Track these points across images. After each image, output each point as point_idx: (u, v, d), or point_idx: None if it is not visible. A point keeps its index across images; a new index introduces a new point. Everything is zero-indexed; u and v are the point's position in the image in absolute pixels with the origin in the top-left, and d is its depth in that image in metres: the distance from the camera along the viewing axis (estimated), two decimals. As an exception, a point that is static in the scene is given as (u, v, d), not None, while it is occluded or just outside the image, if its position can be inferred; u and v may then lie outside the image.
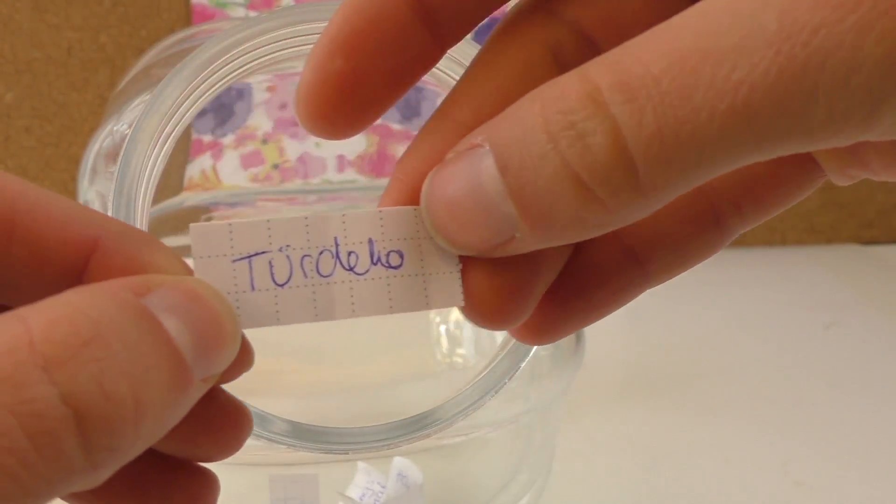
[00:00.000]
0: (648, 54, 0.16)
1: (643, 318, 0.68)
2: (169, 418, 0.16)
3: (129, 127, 0.33)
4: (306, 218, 0.19)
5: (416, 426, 0.31)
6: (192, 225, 0.19)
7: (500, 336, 0.49)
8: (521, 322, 0.22)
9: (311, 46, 0.20)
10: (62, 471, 0.15)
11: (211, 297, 0.18)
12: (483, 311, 0.21)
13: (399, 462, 0.40)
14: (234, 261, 0.19)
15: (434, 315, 0.52)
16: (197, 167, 0.60)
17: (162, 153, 0.31)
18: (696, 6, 0.16)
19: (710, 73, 0.16)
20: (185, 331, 0.17)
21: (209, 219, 0.54)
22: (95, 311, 0.16)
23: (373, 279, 0.20)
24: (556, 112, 0.17)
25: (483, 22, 0.21)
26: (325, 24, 0.20)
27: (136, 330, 0.16)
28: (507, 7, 0.22)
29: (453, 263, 0.20)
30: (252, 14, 0.70)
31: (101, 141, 0.42)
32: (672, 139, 0.16)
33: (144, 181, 0.30)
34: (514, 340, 0.32)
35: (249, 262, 0.19)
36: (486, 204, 0.18)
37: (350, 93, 0.20)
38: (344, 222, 0.20)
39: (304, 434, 0.30)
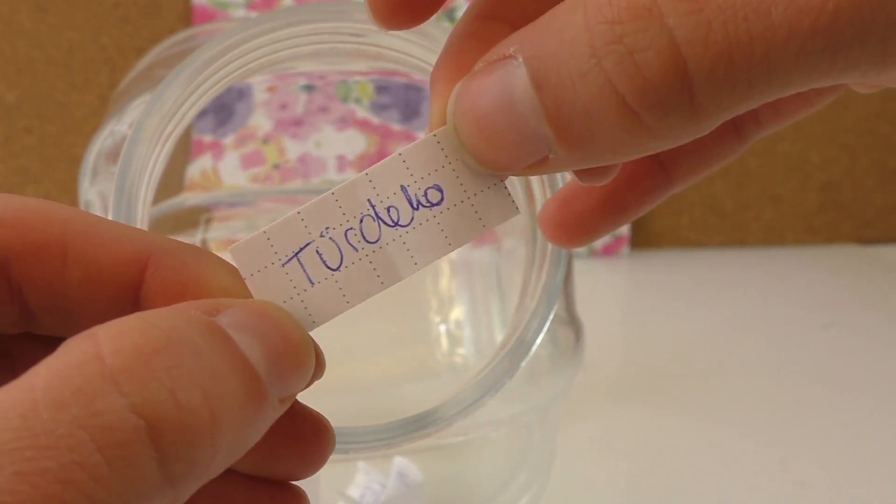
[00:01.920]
0: None
1: (643, 318, 0.68)
2: (247, 435, 0.16)
3: (130, 127, 0.33)
4: (333, 193, 0.19)
5: (416, 426, 0.31)
6: (230, 248, 0.19)
7: (499, 336, 0.49)
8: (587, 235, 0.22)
9: (312, 47, 0.20)
10: (137, 485, 0.14)
11: (281, 316, 0.17)
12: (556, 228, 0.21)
13: (399, 462, 0.40)
14: (284, 264, 0.19)
15: (434, 315, 0.52)
16: (197, 167, 0.60)
17: (162, 153, 0.31)
18: None
19: None
20: (257, 347, 0.16)
21: (209, 219, 0.55)
22: (165, 323, 0.15)
23: (421, 225, 0.19)
24: (602, 22, 0.15)
25: None
26: (325, 24, 0.20)
27: (208, 343, 0.15)
28: None
29: (493, 175, 0.19)
30: (252, 14, 0.70)
31: (101, 141, 0.42)
32: (743, 59, 0.14)
33: (145, 181, 0.30)
34: (513, 340, 0.32)
35: (298, 260, 0.19)
36: (519, 122, 0.16)
37: None
38: (371, 180, 0.19)
39: (304, 433, 0.30)
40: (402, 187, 0.19)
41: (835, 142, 0.80)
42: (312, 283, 0.19)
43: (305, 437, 0.19)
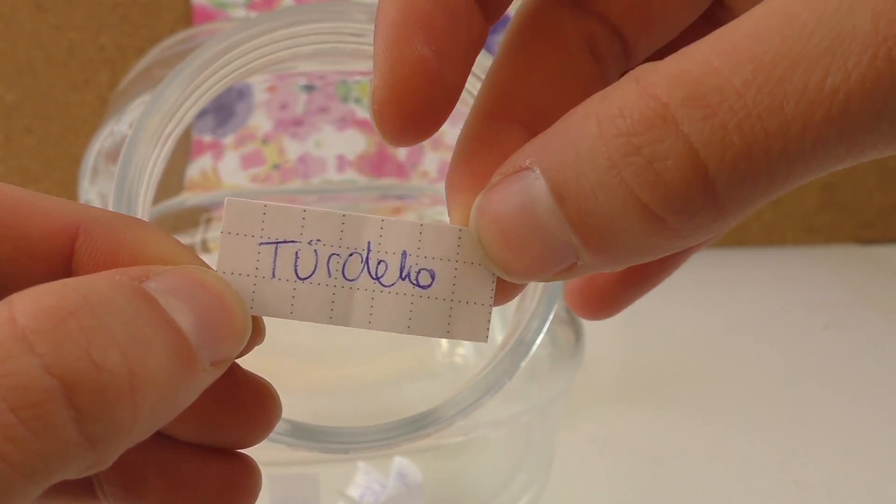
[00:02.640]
0: (721, 62, 0.15)
1: (643, 318, 0.68)
2: (176, 397, 0.16)
3: (130, 127, 0.33)
4: (344, 216, 0.19)
5: (416, 426, 0.31)
6: (227, 198, 0.19)
7: (499, 336, 0.49)
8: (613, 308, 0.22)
9: (312, 47, 0.20)
10: (54, 445, 0.14)
11: (214, 282, 0.17)
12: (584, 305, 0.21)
13: (399, 462, 0.40)
14: (261, 244, 0.19)
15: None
16: (197, 167, 0.60)
17: (162, 153, 0.31)
18: (765, 6, 0.15)
19: (802, 82, 0.14)
20: (186, 310, 0.16)
21: (209, 219, 0.55)
22: (84, 287, 0.15)
23: (397, 294, 0.19)
24: (617, 135, 0.15)
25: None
26: (325, 24, 0.20)
27: (131, 306, 0.15)
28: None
29: (487, 295, 0.19)
30: (252, 14, 0.70)
31: (101, 141, 0.42)
32: (762, 156, 0.14)
33: (145, 181, 0.30)
34: (513, 340, 0.32)
35: (276, 249, 0.19)
36: (544, 233, 0.16)
37: (437, 79, 0.18)
38: (381, 227, 0.19)
39: (304, 434, 0.30)
40: (404, 253, 0.19)
41: (835, 142, 0.80)
42: (273, 276, 0.19)
43: (249, 403, 0.19)
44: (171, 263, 0.18)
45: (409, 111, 0.18)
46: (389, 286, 0.19)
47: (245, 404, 0.19)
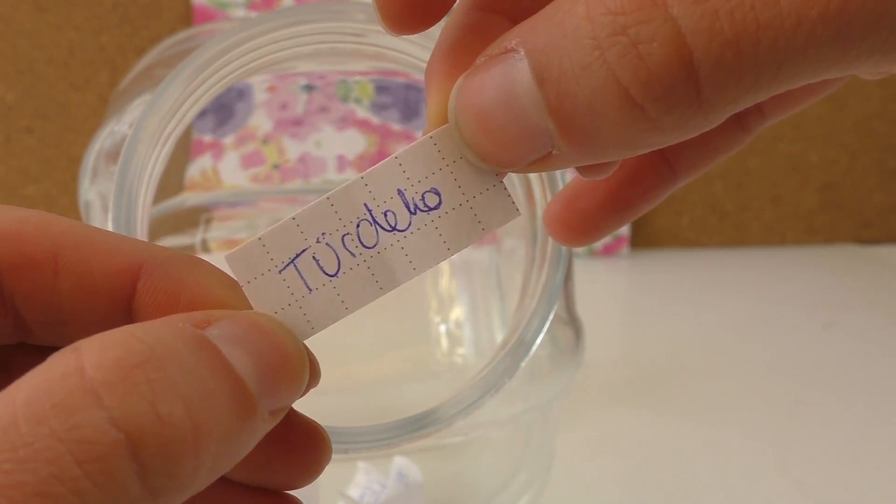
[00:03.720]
0: None
1: (643, 318, 0.68)
2: (235, 448, 0.16)
3: (130, 127, 0.33)
4: (328, 198, 0.19)
5: (416, 426, 0.31)
6: (226, 255, 0.18)
7: (499, 336, 0.49)
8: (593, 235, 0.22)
9: (312, 47, 0.20)
10: (117, 499, 0.14)
11: (275, 328, 0.17)
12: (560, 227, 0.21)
13: (399, 462, 0.40)
14: (281, 271, 0.18)
15: (434, 315, 0.52)
16: (197, 167, 0.60)
17: (162, 153, 0.31)
18: None
19: None
20: (248, 360, 0.16)
21: (209, 219, 0.55)
22: (150, 336, 0.15)
23: (419, 229, 0.19)
24: (604, 13, 0.15)
25: None
26: (325, 24, 0.20)
27: (193, 356, 0.15)
28: None
29: (492, 176, 0.19)
30: (252, 14, 0.70)
31: (101, 141, 0.42)
32: (750, 48, 0.14)
33: (145, 181, 0.30)
34: (513, 340, 0.32)
35: (295, 266, 0.19)
36: (521, 117, 0.16)
37: None
38: (367, 184, 0.19)
39: (304, 433, 0.30)
40: (399, 191, 0.19)
41: (835, 142, 0.80)
42: (310, 290, 0.19)
43: (301, 446, 0.19)
44: (229, 307, 0.18)
45: None
46: (407, 228, 0.19)
47: (297, 447, 0.19)
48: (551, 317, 0.33)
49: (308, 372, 0.17)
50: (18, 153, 0.73)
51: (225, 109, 0.60)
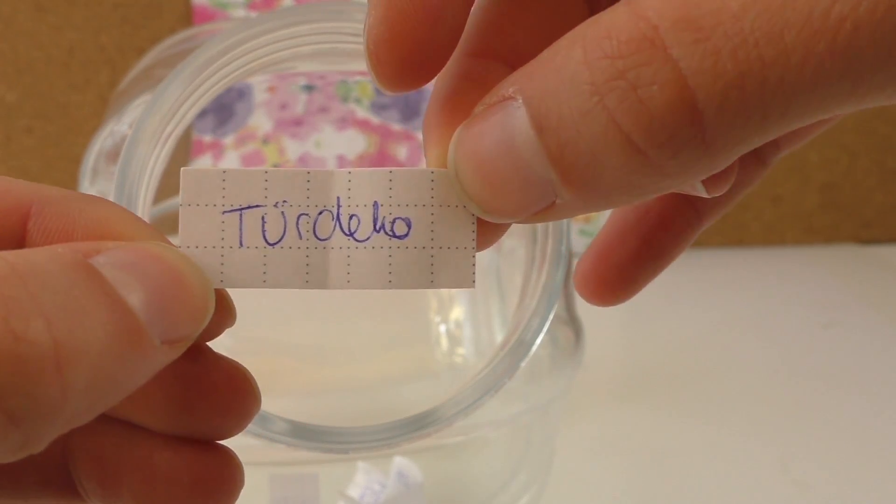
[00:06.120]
0: None
1: (643, 318, 0.68)
2: (122, 374, 0.15)
3: (130, 127, 0.33)
4: (308, 172, 0.18)
5: (416, 426, 0.31)
6: (183, 169, 0.18)
7: (499, 336, 0.49)
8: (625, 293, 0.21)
9: (312, 47, 0.20)
10: None
11: (175, 258, 0.16)
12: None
13: (399, 462, 0.40)
14: (225, 212, 0.18)
15: (434, 315, 0.52)
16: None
17: (162, 153, 0.31)
18: None
19: (805, 8, 0.13)
20: (137, 286, 0.15)
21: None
22: (18, 258, 0.14)
23: (373, 248, 0.18)
24: (602, 57, 0.14)
25: None
26: (325, 24, 0.20)
27: (66, 276, 0.14)
28: None
29: (469, 239, 0.18)
30: (252, 14, 0.70)
31: (101, 141, 0.42)
32: (756, 87, 0.13)
33: (145, 181, 0.30)
34: (513, 340, 0.32)
35: (240, 215, 0.18)
36: (522, 167, 0.15)
37: (437, 17, 0.17)
38: (349, 181, 0.18)
39: (304, 433, 0.30)
40: (375, 203, 0.18)
41: (835, 142, 0.80)
42: (241, 245, 0.18)
43: (223, 390, 0.18)
44: (130, 240, 0.17)
45: (407, 52, 0.17)
46: (364, 241, 0.18)
47: (218, 390, 0.18)
48: (551, 317, 0.33)
49: (213, 303, 0.17)
50: (18, 153, 0.73)
51: (225, 109, 0.60)
